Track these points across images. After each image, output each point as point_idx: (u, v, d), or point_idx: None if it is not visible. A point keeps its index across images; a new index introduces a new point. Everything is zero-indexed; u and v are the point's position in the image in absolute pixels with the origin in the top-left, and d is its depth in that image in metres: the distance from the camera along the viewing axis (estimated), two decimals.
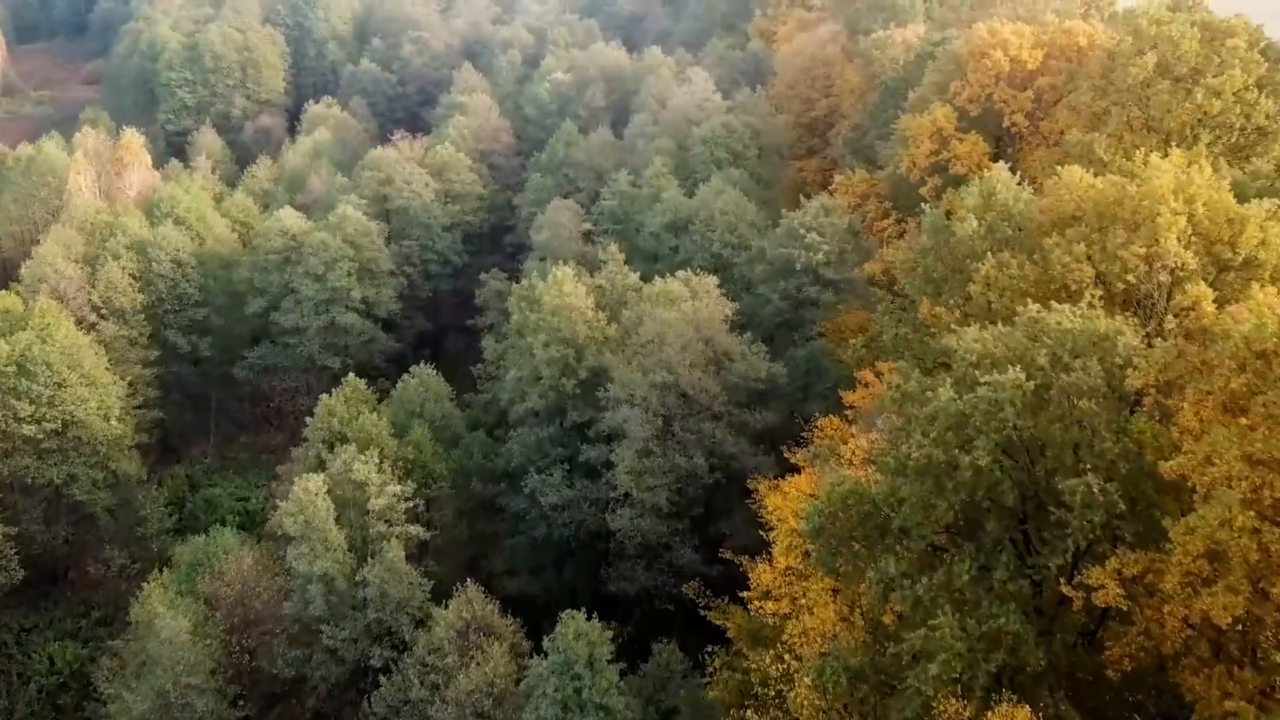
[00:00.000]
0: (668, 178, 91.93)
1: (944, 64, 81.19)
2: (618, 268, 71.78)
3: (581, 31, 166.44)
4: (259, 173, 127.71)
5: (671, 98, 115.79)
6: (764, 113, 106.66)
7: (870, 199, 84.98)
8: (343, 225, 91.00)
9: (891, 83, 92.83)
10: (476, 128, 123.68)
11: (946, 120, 75.33)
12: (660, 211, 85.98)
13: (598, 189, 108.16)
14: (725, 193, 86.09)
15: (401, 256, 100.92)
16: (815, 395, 66.88)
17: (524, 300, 71.68)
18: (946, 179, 77.07)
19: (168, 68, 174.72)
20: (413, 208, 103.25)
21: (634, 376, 58.44)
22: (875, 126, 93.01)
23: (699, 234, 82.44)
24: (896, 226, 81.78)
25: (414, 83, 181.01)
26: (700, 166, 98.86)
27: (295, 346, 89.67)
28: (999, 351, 40.78)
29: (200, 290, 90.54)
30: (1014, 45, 75.39)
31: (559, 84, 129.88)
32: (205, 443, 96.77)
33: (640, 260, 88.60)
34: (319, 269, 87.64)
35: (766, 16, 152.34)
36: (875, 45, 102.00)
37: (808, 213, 71.31)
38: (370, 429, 61.11)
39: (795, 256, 69.52)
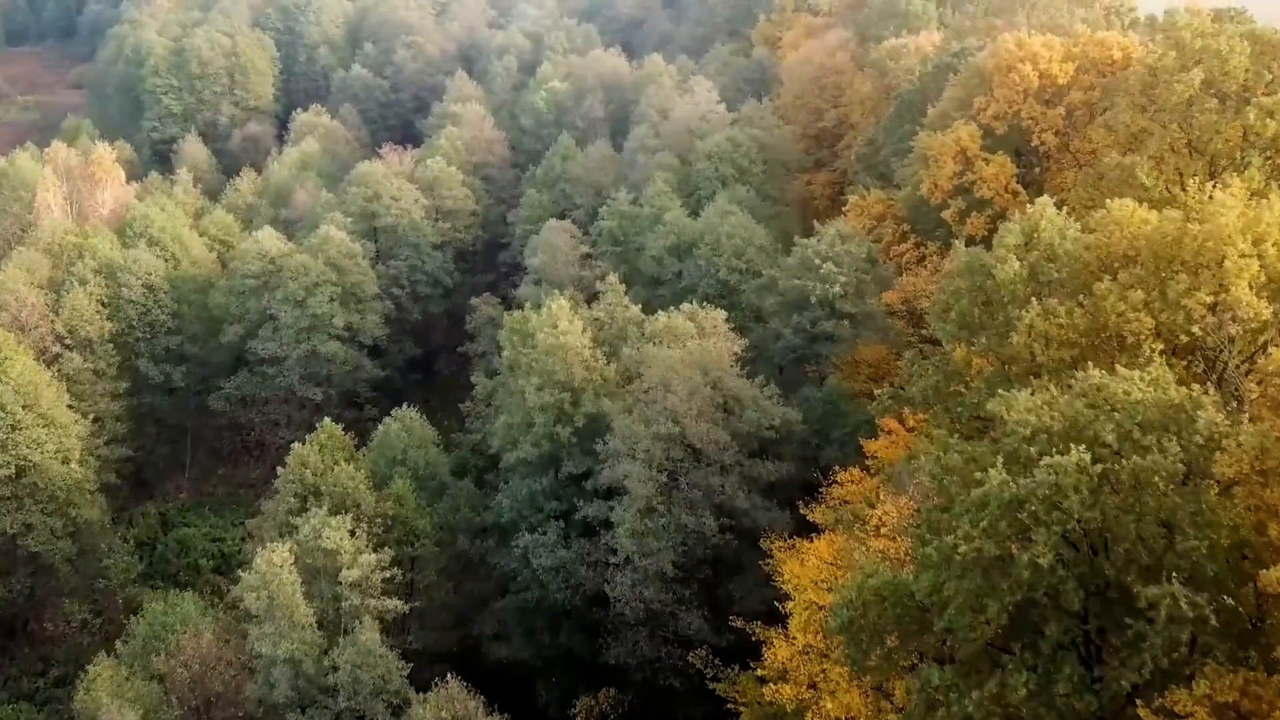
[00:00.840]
0: (670, 196, 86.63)
1: (967, 77, 75.82)
2: (617, 299, 66.46)
3: (580, 37, 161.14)
4: (242, 186, 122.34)
5: (673, 109, 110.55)
6: (771, 125, 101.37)
7: (887, 220, 79.64)
8: (325, 247, 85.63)
9: (907, 95, 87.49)
10: (469, 139, 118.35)
11: (971, 140, 69.96)
12: (662, 234, 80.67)
13: (596, 206, 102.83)
14: (732, 215, 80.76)
15: (389, 278, 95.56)
16: (832, 441, 61.55)
17: (516, 334, 66.35)
18: (971, 202, 71.80)
19: (153, 74, 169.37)
20: (401, 226, 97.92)
21: (635, 427, 53.08)
22: (890, 141, 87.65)
23: (704, 259, 77.12)
24: (915, 250, 76.48)
25: (407, 89, 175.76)
26: (704, 183, 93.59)
27: (274, 377, 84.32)
28: (1056, 425, 35.42)
29: (173, 316, 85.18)
30: (1044, 58, 70.02)
31: (556, 93, 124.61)
32: (181, 476, 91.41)
33: (641, 284, 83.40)
34: (299, 294, 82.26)
35: (771, 21, 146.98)
36: (889, 55, 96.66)
37: (823, 240, 65.96)
38: (346, 483, 55.74)
39: (810, 289, 64.19)
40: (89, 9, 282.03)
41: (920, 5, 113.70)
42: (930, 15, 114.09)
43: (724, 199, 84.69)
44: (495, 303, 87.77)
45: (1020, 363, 45.91)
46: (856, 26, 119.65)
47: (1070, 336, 43.86)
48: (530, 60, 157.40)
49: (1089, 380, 36.27)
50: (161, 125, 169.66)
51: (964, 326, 48.47)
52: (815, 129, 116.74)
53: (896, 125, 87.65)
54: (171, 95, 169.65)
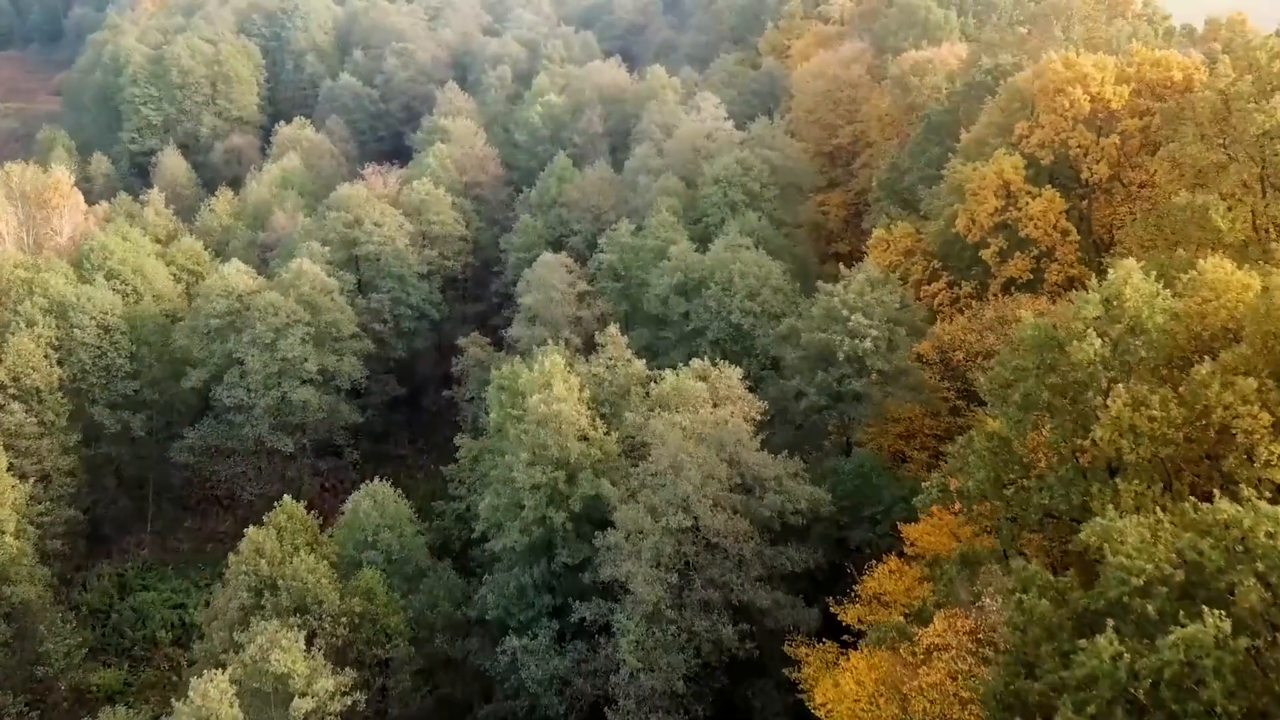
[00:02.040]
0: (675, 227, 79.10)
1: (1006, 100, 68.38)
2: (618, 352, 58.92)
3: (577, 45, 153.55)
4: (218, 206, 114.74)
5: (678, 125, 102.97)
6: (783, 145, 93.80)
7: (915, 256, 72.18)
8: (298, 282, 78.06)
9: (935, 116, 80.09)
10: (460, 157, 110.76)
11: (1014, 172, 62.55)
12: (668, 270, 73.17)
13: (595, 232, 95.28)
14: (744, 250, 73.32)
15: (370, 312, 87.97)
16: (863, 519, 54.11)
17: (505, 391, 58.92)
18: (1013, 240, 64.35)
19: (131, 83, 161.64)
20: (384, 255, 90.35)
21: (641, 520, 45.59)
22: (916, 167, 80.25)
23: (714, 299, 69.66)
24: (948, 291, 69.02)
25: (398, 98, 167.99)
26: (712, 210, 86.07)
27: (241, 426, 76.75)
28: (1178, 575, 27.97)
29: (131, 359, 77.62)
30: (1096, 80, 62.58)
31: (552, 107, 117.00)
32: (142, 530, 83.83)
33: (644, 324, 76.04)
34: (267, 336, 74.70)
35: (779, 29, 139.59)
36: (912, 70, 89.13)
37: (850, 287, 58.44)
38: (306, 577, 48.23)
39: (836, 344, 56.67)
40: (74, 12, 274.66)
41: (941, 15, 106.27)
42: (952, 25, 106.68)
43: (735, 229, 77.24)
44: (484, 343, 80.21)
45: (1103, 457, 38.52)
46: (872, 37, 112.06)
47: (1166, 432, 36.42)
48: (526, 69, 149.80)
49: (1216, 514, 28.75)
50: (140, 137, 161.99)
51: (1028, 408, 40.99)
52: (829, 146, 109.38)
53: (923, 149, 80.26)
54: (151, 105, 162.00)
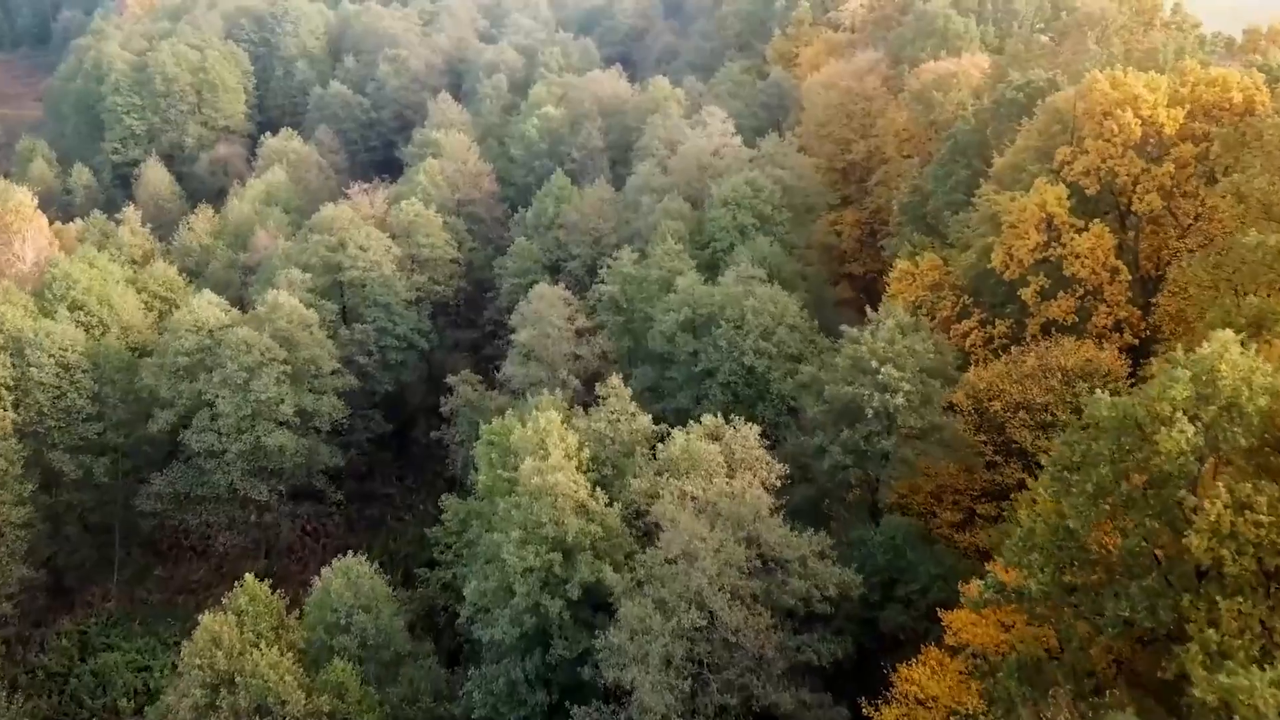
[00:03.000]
0: (681, 256, 73.24)
1: (1045, 122, 62.55)
2: (621, 405, 53.08)
3: (576, 53, 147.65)
4: (197, 224, 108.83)
5: (682, 141, 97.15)
6: (795, 164, 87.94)
7: (943, 290, 66.32)
8: (274, 316, 72.16)
9: (961, 136, 74.24)
10: (452, 173, 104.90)
11: (1059, 204, 56.70)
12: (674, 304, 67.32)
13: (595, 256, 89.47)
14: (755, 279, 67.55)
15: (354, 344, 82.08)
16: (896, 598, 48.33)
17: (495, 448, 53.11)
18: (1056, 278, 58.51)
19: (114, 91, 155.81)
20: (369, 281, 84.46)
21: (649, 617, 39.72)
22: (941, 190, 74.42)
23: (725, 338, 63.80)
24: (980, 330, 63.16)
25: (390, 107, 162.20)
26: (720, 234, 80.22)
27: (212, 472, 70.83)
28: None
29: (94, 400, 71.72)
30: (1147, 102, 56.74)
31: (549, 120, 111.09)
32: (108, 580, 77.93)
33: (649, 362, 70.21)
34: (239, 377, 68.78)
35: (786, 36, 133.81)
36: (935, 84, 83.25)
37: (878, 334, 52.55)
38: (268, 673, 42.37)
39: (864, 399, 50.81)
40: (63, 15, 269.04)
41: (961, 23, 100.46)
42: (973, 34, 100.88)
43: (745, 257, 71.39)
44: (475, 381, 74.25)
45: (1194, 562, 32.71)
46: (887, 46, 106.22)
47: (1276, 540, 30.61)
48: (523, 78, 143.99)
49: None
50: (123, 147, 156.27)
51: (1101, 498, 35.15)
52: (842, 162, 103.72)
53: (949, 171, 74.47)
54: (134, 115, 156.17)
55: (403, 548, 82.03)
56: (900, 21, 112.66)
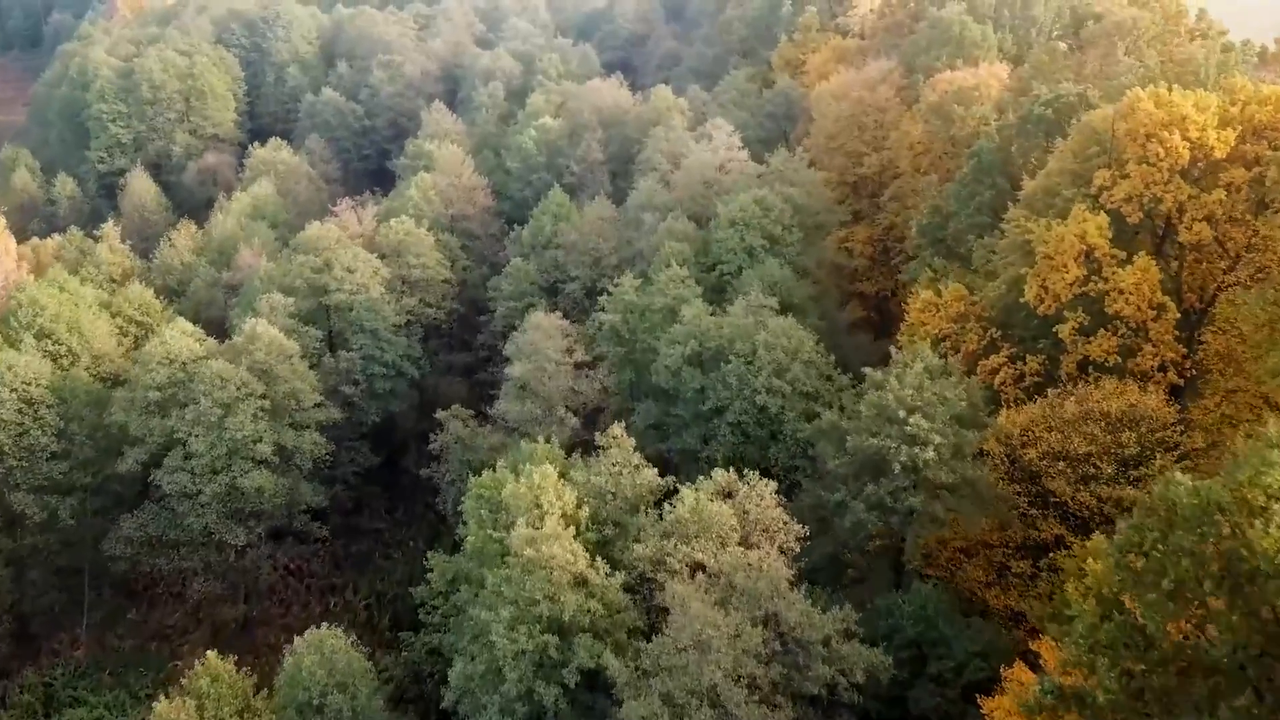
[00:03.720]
0: (687, 282, 68.60)
1: (1081, 142, 57.89)
2: (624, 457, 48.47)
3: (575, 59, 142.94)
4: (179, 240, 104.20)
5: (686, 155, 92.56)
6: (806, 180, 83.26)
7: (969, 322, 61.63)
8: (251, 347, 67.53)
9: (985, 154, 69.57)
10: (445, 187, 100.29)
11: (1100, 235, 52.07)
12: (680, 336, 62.68)
13: (595, 278, 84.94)
14: (769, 313, 62.98)
15: (339, 374, 77.41)
16: (928, 676, 43.72)
17: (484, 503, 48.54)
18: (1095, 313, 53.87)
19: (99, 98, 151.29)
20: (356, 305, 79.80)
21: (656, 716, 35.04)
22: (965, 213, 69.76)
23: (735, 375, 59.19)
24: (1011, 367, 58.49)
25: (384, 114, 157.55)
26: (728, 256, 75.56)
27: (185, 514, 66.16)
28: None
29: (60, 437, 67.15)
30: (1196, 123, 52.11)
31: (547, 131, 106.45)
32: (78, 625, 73.35)
33: (653, 398, 65.60)
34: (214, 414, 64.11)
35: (793, 43, 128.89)
36: (956, 97, 78.55)
37: (905, 379, 47.94)
38: None
39: (890, 452, 46.20)
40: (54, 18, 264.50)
41: (978, 31, 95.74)
42: (990, 43, 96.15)
43: (755, 283, 66.77)
44: (466, 416, 69.58)
45: None
46: (901, 55, 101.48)
47: None
48: (520, 86, 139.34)
49: None
50: (109, 156, 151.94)
51: (1179, 598, 30.52)
52: (853, 176, 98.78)
53: (972, 192, 69.82)
54: (120, 123, 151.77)
55: (390, 588, 77.54)
56: (913, 29, 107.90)
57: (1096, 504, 48.71)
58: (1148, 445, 49.28)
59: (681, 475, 62.54)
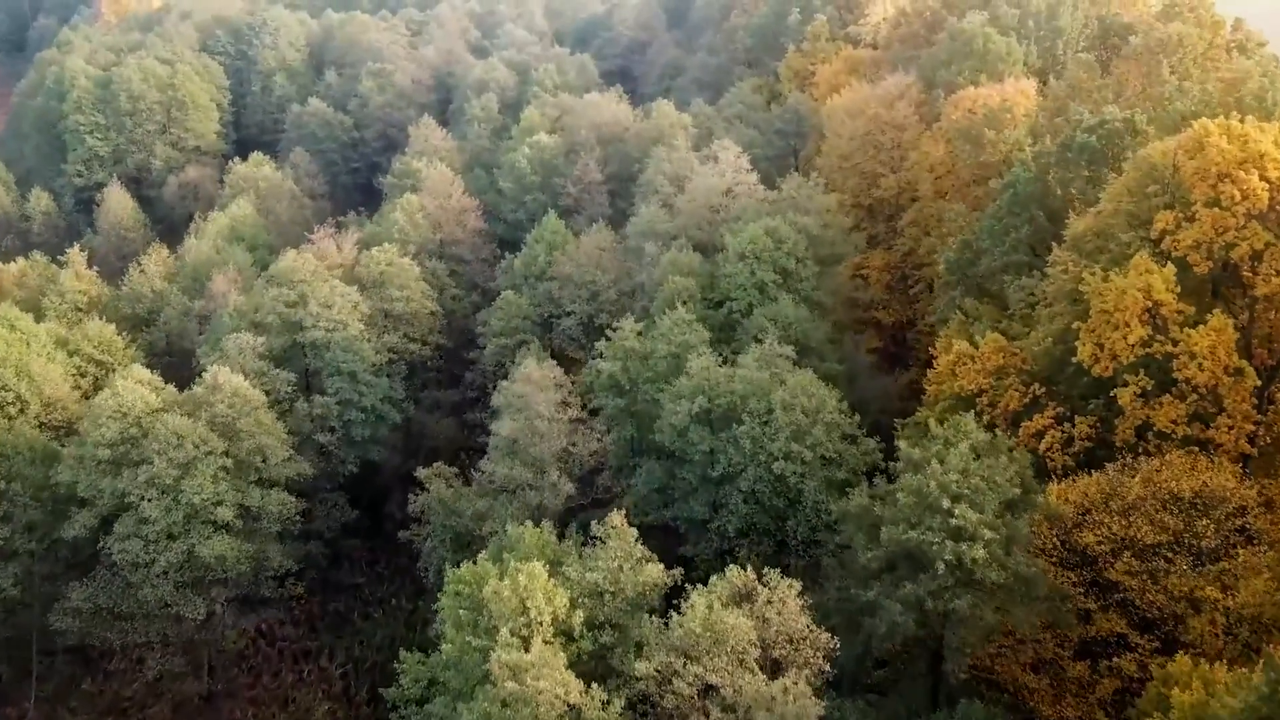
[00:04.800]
0: (694, 328, 62.20)
1: (1138, 179, 51.49)
2: (624, 548, 42.13)
3: (572, 69, 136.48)
4: (150, 266, 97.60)
5: (690, 177, 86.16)
6: (821, 207, 76.91)
7: (1010, 375, 55.24)
8: (212, 399, 61.12)
9: (1021, 185, 63.21)
10: (434, 210, 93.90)
11: (1167, 291, 45.73)
12: (687, 391, 56.28)
13: (592, 313, 78.69)
14: (785, 363, 56.66)
15: (313, 420, 71.04)
16: None
17: (463, 600, 42.31)
18: (1160, 377, 47.51)
19: (75, 109, 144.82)
20: (333, 344, 73.39)
21: None
22: (999, 249, 63.38)
23: (749, 438, 52.82)
24: (1058, 429, 52.07)
25: (374, 125, 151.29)
26: (737, 292, 69.29)
27: (138, 586, 59.76)
28: None
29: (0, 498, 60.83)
30: (1276, 161, 45.79)
31: (542, 150, 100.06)
32: (25, 699, 66.98)
33: (655, 459, 59.23)
34: (169, 475, 57.72)
35: (801, 52, 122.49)
36: (987, 120, 72.12)
37: (949, 459, 41.55)
38: None
39: (934, 549, 39.83)
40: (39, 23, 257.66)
41: (1003, 44, 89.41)
42: (1015, 56, 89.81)
43: (771, 334, 60.40)
44: (450, 475, 63.08)
45: None
46: (919, 69, 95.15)
47: None
48: (514, 97, 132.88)
49: None
50: (86, 170, 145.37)
51: None
52: (869, 199, 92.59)
53: (1006, 226, 63.49)
54: (97, 135, 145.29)
55: (370, 654, 71.24)
56: (931, 40, 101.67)
57: (1168, 601, 42.45)
58: (1226, 533, 43.03)
59: (688, 545, 56.66)
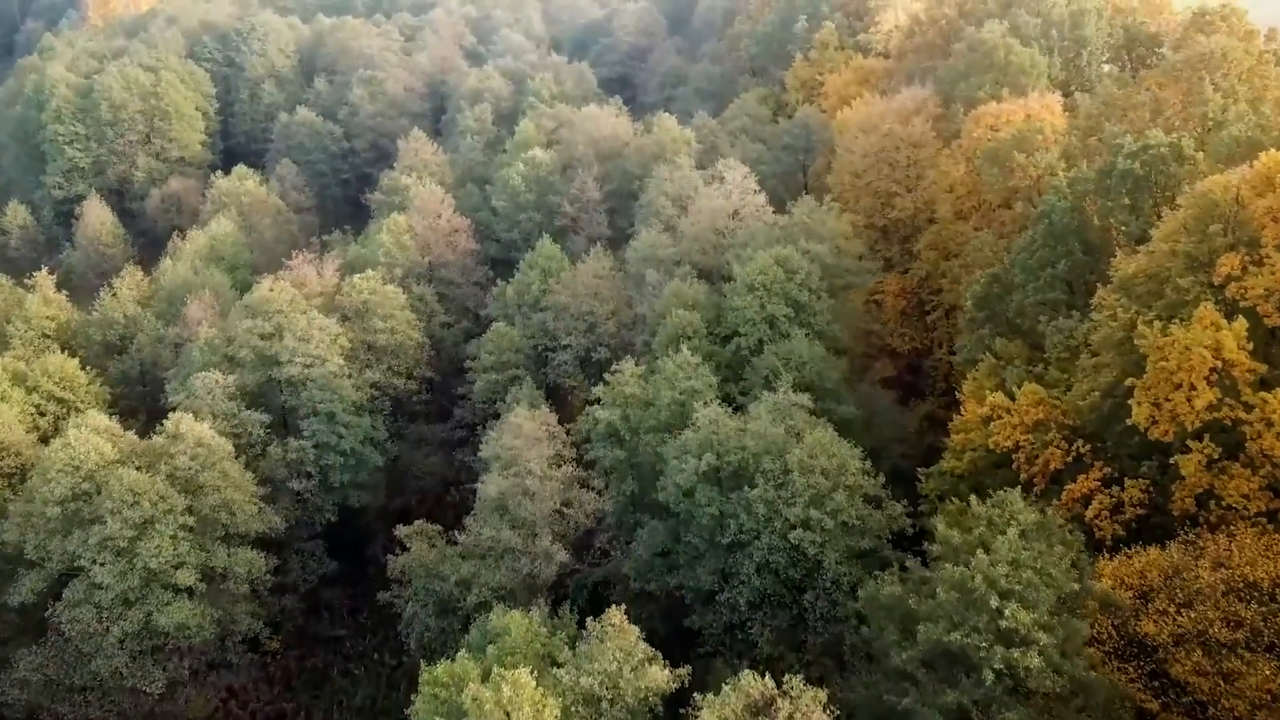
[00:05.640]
0: (700, 372, 56.82)
1: (1196, 215, 46.13)
2: (624, 647, 36.78)
3: (570, 78, 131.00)
4: (123, 290, 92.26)
5: (693, 197, 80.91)
6: (835, 233, 71.59)
7: (1050, 429, 49.91)
8: (173, 449, 55.78)
9: (1058, 216, 57.83)
10: (423, 230, 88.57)
11: (1238, 351, 40.39)
12: (693, 445, 50.92)
13: (589, 346, 73.44)
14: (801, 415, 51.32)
15: (288, 466, 65.69)
16: None
17: (440, 705, 36.99)
18: (1229, 445, 42.16)
19: (55, 119, 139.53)
20: (311, 381, 68.05)
21: None
22: (1033, 285, 57.98)
23: (762, 503, 47.46)
24: (1106, 495, 46.74)
25: (364, 135, 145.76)
26: (746, 327, 63.96)
27: (91, 656, 54.43)
28: None
29: None
30: None
31: (538, 166, 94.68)
32: None
33: (658, 518, 53.89)
34: (124, 536, 52.41)
35: (809, 61, 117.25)
36: (1017, 142, 66.66)
37: (997, 549, 36.20)
38: None
39: (980, 656, 34.48)
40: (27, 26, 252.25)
41: (1027, 56, 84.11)
42: (1039, 69, 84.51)
43: (784, 383, 54.98)
44: (433, 533, 57.59)
45: None
46: (936, 81, 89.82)
47: None
48: (510, 108, 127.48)
49: None
50: (66, 181, 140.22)
51: None
52: (883, 220, 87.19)
53: (1041, 260, 58.11)
54: (77, 145, 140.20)
55: (349, 717, 65.91)
56: (947, 50, 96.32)
57: (1248, 710, 37.12)
58: None
59: (695, 617, 51.43)
